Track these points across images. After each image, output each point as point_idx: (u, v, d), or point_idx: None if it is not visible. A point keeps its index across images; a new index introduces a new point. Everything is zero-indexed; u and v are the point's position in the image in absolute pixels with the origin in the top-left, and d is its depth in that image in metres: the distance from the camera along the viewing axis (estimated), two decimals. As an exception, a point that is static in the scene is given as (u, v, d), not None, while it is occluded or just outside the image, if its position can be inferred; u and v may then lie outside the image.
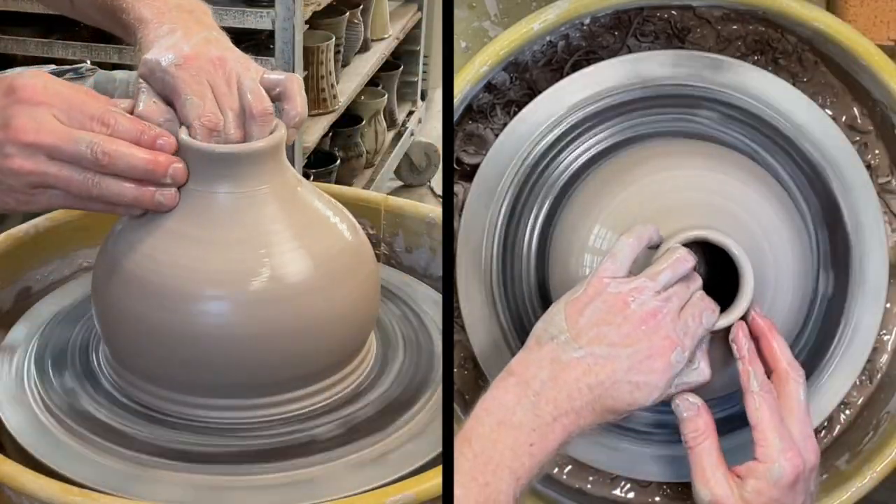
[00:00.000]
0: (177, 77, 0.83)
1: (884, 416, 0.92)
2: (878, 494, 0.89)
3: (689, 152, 0.87)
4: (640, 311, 0.74)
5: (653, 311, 0.74)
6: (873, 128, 0.94)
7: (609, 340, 0.73)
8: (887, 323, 0.94)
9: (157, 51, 0.85)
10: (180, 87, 0.83)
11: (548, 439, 0.72)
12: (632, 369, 0.73)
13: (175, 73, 0.83)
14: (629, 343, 0.73)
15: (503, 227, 0.90)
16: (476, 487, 0.69)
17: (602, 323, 0.74)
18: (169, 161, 0.81)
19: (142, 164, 0.80)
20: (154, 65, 0.84)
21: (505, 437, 0.71)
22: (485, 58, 0.85)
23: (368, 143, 2.62)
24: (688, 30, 0.94)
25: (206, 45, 0.86)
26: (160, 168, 0.80)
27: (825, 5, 1.13)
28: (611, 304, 0.74)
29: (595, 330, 0.74)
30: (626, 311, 0.74)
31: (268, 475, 0.78)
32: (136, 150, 0.80)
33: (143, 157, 0.80)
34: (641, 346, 0.73)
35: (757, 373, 0.76)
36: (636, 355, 0.73)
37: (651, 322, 0.74)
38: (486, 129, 0.93)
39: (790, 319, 0.84)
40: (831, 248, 0.90)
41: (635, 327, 0.74)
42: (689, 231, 0.77)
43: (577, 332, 0.74)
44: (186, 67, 0.83)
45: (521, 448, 0.71)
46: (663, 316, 0.74)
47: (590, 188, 0.86)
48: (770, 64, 0.93)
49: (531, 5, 1.06)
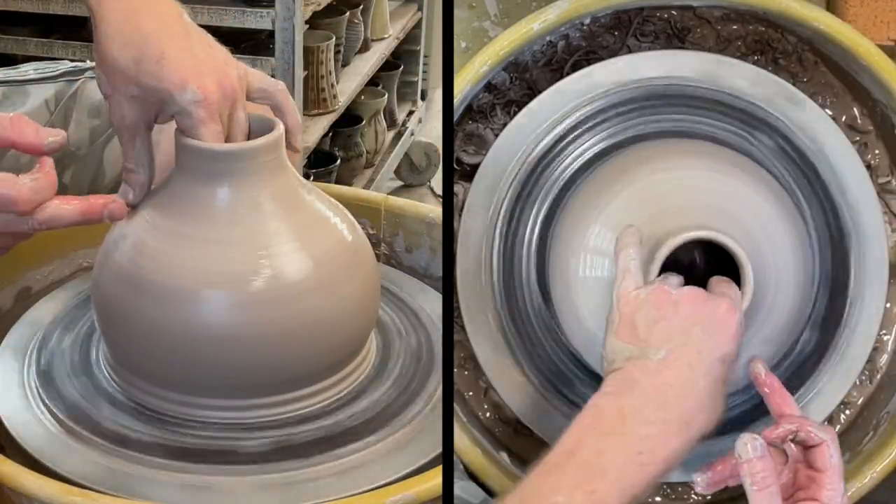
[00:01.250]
0: (196, 120, 0.80)
1: (884, 416, 0.92)
2: (878, 494, 0.89)
3: (689, 152, 0.87)
4: (684, 294, 0.75)
5: (693, 290, 0.75)
6: (873, 128, 0.94)
7: (677, 328, 0.73)
8: (887, 323, 0.94)
9: (171, 69, 0.80)
10: (200, 133, 0.80)
11: (660, 446, 0.70)
12: (710, 340, 0.73)
13: (196, 115, 0.80)
14: (696, 319, 0.73)
15: (503, 227, 0.90)
16: (581, 496, 0.67)
17: (660, 320, 0.74)
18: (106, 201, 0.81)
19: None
20: (166, 96, 0.80)
21: (611, 448, 0.69)
22: (485, 58, 0.85)
23: (368, 143, 2.61)
24: (688, 30, 0.94)
25: (223, 72, 0.82)
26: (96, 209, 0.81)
27: (825, 5, 1.13)
28: (654, 303, 0.75)
29: (657, 329, 0.74)
30: (671, 298, 0.75)
31: (268, 475, 0.78)
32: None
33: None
34: (706, 316, 0.73)
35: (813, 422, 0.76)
36: (708, 326, 0.73)
37: (699, 295, 0.74)
38: (486, 129, 0.93)
39: (790, 319, 0.84)
40: (831, 248, 0.90)
41: (691, 305, 0.74)
42: (690, 231, 0.77)
43: (644, 341, 0.74)
44: (206, 106, 0.80)
45: (631, 457, 0.69)
46: (703, 291, 0.75)
47: (590, 188, 0.86)
48: (770, 64, 0.93)
49: (531, 5, 1.06)
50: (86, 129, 1.11)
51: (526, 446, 0.94)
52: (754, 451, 0.71)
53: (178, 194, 0.83)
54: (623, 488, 0.68)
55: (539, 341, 0.91)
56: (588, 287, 0.83)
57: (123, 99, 0.82)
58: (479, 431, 0.91)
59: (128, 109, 0.82)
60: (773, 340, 0.83)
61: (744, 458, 0.71)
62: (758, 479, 0.71)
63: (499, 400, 0.92)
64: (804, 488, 0.74)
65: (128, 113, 0.82)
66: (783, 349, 0.87)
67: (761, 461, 0.71)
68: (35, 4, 1.92)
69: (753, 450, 0.71)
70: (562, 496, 0.66)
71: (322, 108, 2.25)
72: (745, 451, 0.71)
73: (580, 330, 0.85)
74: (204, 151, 0.81)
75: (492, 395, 0.93)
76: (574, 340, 0.87)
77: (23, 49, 1.98)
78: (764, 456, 0.71)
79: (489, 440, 0.92)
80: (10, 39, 2.00)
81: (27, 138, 0.78)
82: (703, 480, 0.76)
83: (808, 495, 0.73)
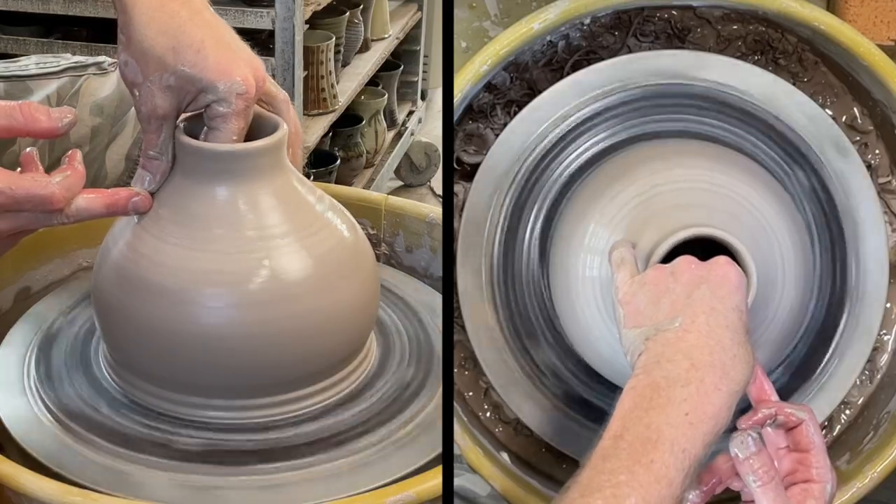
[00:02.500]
0: (234, 112, 0.80)
1: (884, 416, 0.92)
2: (878, 494, 0.89)
3: (689, 152, 0.87)
4: (678, 264, 0.74)
5: (686, 258, 0.74)
6: (873, 128, 0.94)
7: (682, 294, 0.72)
8: (887, 323, 0.94)
9: (212, 58, 0.79)
10: (231, 125, 0.80)
11: (704, 402, 0.68)
12: (719, 292, 0.72)
13: (236, 105, 0.79)
14: (698, 281, 0.73)
15: (503, 227, 0.90)
16: (641, 469, 0.65)
17: (663, 294, 0.73)
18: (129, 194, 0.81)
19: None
20: (207, 85, 0.79)
21: (657, 417, 0.67)
22: (485, 57, 0.85)
23: (368, 142, 2.61)
24: (688, 30, 0.94)
25: (256, 64, 0.82)
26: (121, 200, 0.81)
27: (825, 5, 1.13)
28: (652, 282, 0.74)
29: (664, 303, 0.73)
30: (667, 271, 0.74)
31: (268, 475, 0.78)
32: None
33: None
34: (706, 274, 0.73)
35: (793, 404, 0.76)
36: (712, 283, 0.72)
37: (693, 260, 0.74)
38: (486, 128, 0.93)
39: (791, 318, 0.84)
40: (831, 248, 0.90)
41: (688, 271, 0.73)
42: (692, 228, 0.77)
43: (655, 318, 0.73)
44: (247, 98, 0.80)
45: (678, 419, 0.67)
46: (696, 259, 0.75)
47: (590, 188, 0.86)
48: (770, 64, 0.93)
49: (531, 5, 1.06)
50: (87, 128, 1.11)
51: (526, 446, 0.94)
52: (751, 447, 0.70)
53: (178, 194, 0.83)
54: (680, 451, 0.66)
55: (539, 341, 0.91)
56: (588, 287, 0.83)
57: (156, 88, 0.80)
58: (479, 431, 0.91)
59: (160, 98, 0.80)
60: (774, 340, 0.83)
61: (742, 456, 0.70)
62: (760, 473, 0.70)
63: (499, 400, 0.92)
64: (791, 472, 0.73)
65: (160, 102, 0.80)
66: (783, 349, 0.87)
67: (759, 456, 0.70)
68: (35, 4, 1.92)
69: (749, 446, 0.70)
70: (623, 474, 0.65)
71: (322, 108, 2.25)
72: (743, 449, 0.70)
73: (580, 329, 0.85)
74: (205, 151, 0.81)
75: (492, 395, 0.93)
76: (574, 340, 0.87)
77: (23, 49, 1.98)
78: (761, 449, 0.70)
79: (489, 440, 0.92)
80: (10, 39, 2.00)
81: (41, 125, 0.78)
82: (696, 497, 0.74)
83: (799, 478, 0.73)
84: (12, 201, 0.75)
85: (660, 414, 0.67)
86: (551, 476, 0.93)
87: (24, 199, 0.75)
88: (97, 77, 1.14)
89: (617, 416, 0.69)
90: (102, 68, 1.15)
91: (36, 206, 0.76)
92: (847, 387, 0.91)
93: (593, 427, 0.91)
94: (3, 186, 0.75)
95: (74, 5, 1.90)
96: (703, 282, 0.73)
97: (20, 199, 0.75)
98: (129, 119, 1.14)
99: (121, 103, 1.13)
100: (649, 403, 0.68)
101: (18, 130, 0.78)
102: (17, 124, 0.77)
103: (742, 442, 0.70)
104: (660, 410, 0.68)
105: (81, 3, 1.89)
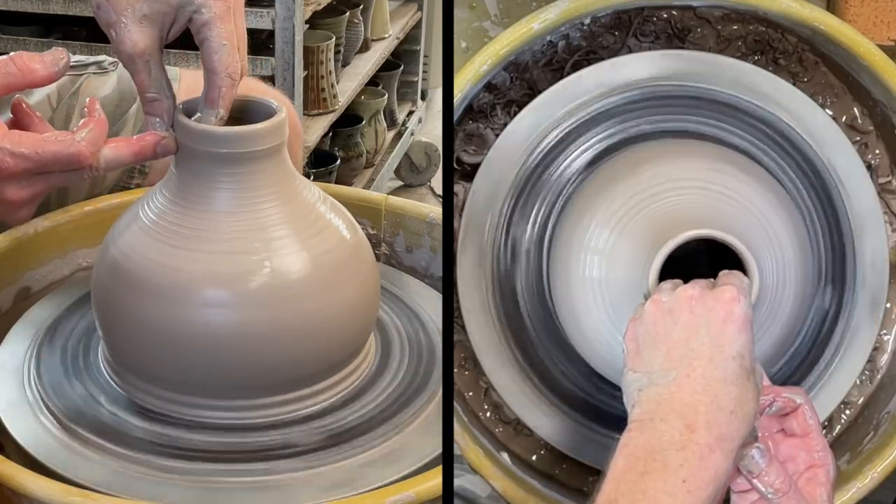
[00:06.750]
0: (215, 15, 0.78)
1: (884, 416, 0.92)
2: (878, 494, 0.89)
3: (689, 152, 0.87)
4: (678, 299, 0.70)
5: (688, 288, 0.71)
6: (873, 128, 0.94)
7: (679, 341, 0.69)
8: (887, 323, 0.94)
9: None
10: (217, 29, 0.78)
11: (701, 468, 0.64)
12: (719, 339, 0.68)
13: (215, 7, 0.78)
14: (697, 323, 0.69)
15: (503, 227, 0.90)
16: None
17: (659, 337, 0.70)
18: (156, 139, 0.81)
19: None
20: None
21: (653, 484, 0.64)
22: (485, 57, 0.85)
23: (368, 142, 2.62)
24: (688, 30, 0.94)
25: None
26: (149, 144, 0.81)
27: (825, 5, 1.13)
28: (650, 321, 0.71)
29: (659, 349, 0.69)
30: (665, 308, 0.70)
31: (268, 476, 0.78)
32: None
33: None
34: (707, 315, 0.69)
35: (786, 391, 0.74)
36: (713, 325, 0.68)
37: (695, 294, 0.70)
38: (486, 128, 0.93)
39: (791, 318, 0.84)
40: (831, 248, 0.90)
41: (688, 309, 0.69)
42: (692, 230, 0.77)
43: (651, 364, 0.69)
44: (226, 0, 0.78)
45: (676, 487, 0.63)
46: (700, 286, 0.71)
47: (590, 188, 0.86)
48: (770, 64, 0.93)
49: (531, 5, 1.06)
50: (87, 128, 1.11)
51: (526, 446, 0.94)
52: (761, 464, 0.68)
53: (178, 193, 0.83)
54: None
55: (539, 341, 0.91)
56: (588, 287, 0.83)
57: (131, 23, 0.79)
58: (479, 431, 0.91)
59: (138, 33, 0.79)
60: (774, 340, 0.84)
61: (755, 471, 0.68)
62: (778, 485, 0.67)
63: (499, 400, 0.92)
64: (792, 459, 0.72)
65: (139, 37, 0.79)
66: (784, 348, 0.87)
67: (771, 467, 0.68)
68: (35, 4, 1.92)
69: (759, 462, 0.68)
70: None
71: (322, 108, 2.25)
72: (755, 465, 0.68)
73: (580, 330, 0.85)
74: (206, 133, 0.80)
75: (492, 395, 0.93)
76: (574, 340, 0.87)
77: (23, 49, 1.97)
78: (772, 459, 0.68)
79: (489, 440, 0.92)
80: (10, 39, 2.00)
81: (38, 74, 0.77)
82: None
83: (801, 465, 0.71)
84: (40, 165, 0.75)
85: (656, 480, 0.64)
86: (551, 476, 0.93)
87: (51, 161, 0.75)
88: (97, 76, 1.14)
89: (610, 477, 0.65)
90: (102, 67, 1.15)
91: (65, 167, 0.76)
92: (847, 387, 0.91)
93: (593, 427, 0.91)
94: (28, 151, 0.75)
95: (74, 5, 1.90)
96: (702, 326, 0.69)
97: (47, 161, 0.75)
98: (128, 118, 1.14)
99: (121, 103, 1.13)
100: (644, 467, 0.65)
101: (17, 85, 0.77)
102: (14, 80, 0.77)
103: (752, 457, 0.68)
104: (656, 476, 0.64)
105: (81, 3, 1.89)
